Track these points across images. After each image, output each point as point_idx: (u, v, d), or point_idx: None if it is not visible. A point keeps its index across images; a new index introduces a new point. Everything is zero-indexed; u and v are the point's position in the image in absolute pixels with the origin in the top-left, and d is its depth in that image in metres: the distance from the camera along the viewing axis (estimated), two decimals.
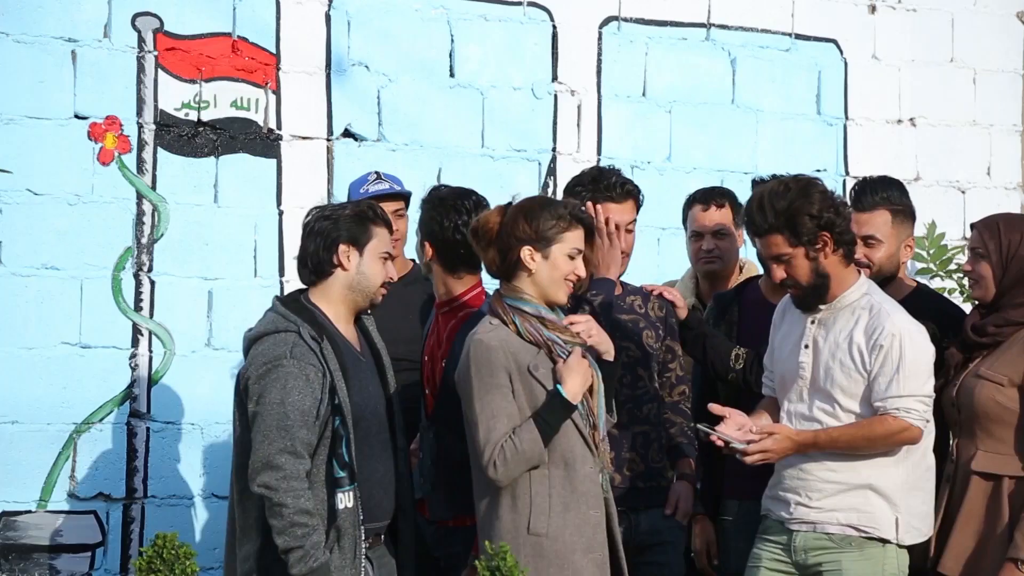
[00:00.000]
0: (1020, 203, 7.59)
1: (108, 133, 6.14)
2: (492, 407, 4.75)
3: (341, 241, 4.92)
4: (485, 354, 4.77)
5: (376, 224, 4.99)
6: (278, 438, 4.75)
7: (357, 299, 4.97)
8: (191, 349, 6.23)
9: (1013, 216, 5.46)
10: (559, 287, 4.85)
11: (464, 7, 6.71)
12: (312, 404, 4.79)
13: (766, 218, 4.84)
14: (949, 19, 7.51)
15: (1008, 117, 7.63)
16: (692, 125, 7.03)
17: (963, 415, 5.07)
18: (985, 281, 5.12)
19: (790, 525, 4.93)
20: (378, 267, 4.98)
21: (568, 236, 4.84)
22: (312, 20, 6.48)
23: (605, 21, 6.96)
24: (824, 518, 4.87)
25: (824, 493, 4.87)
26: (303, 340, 4.81)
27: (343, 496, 4.81)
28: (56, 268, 6.06)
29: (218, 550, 6.19)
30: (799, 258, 4.87)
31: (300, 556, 4.74)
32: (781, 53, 7.22)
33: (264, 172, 6.39)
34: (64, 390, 6.03)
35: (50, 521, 6.00)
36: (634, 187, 5.43)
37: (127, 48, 6.20)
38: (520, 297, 4.85)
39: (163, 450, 6.17)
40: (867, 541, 4.85)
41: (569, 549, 4.72)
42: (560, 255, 4.83)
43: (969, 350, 5.13)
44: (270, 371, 4.78)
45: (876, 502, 4.86)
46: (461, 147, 6.65)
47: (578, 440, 4.79)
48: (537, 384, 4.77)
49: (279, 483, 4.74)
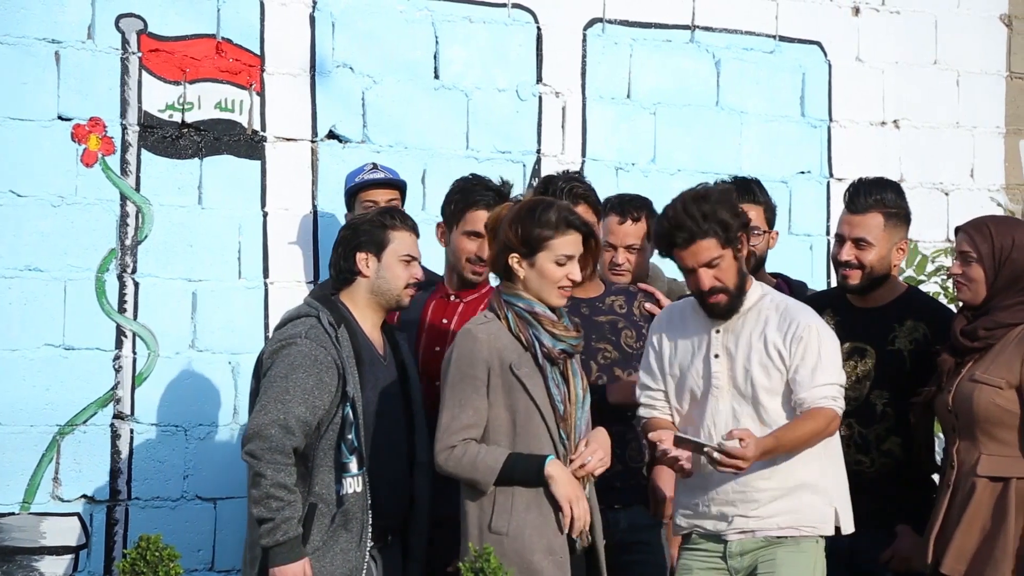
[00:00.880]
0: (1004, 205, 7.61)
1: (92, 135, 6.13)
2: (462, 396, 4.77)
3: (360, 249, 5.14)
4: (469, 345, 4.80)
5: (395, 228, 5.18)
6: (273, 410, 4.92)
7: (381, 302, 5.17)
8: (175, 351, 6.22)
9: (1001, 218, 5.47)
10: (550, 292, 4.85)
11: (448, 9, 6.71)
12: (316, 384, 4.94)
13: (697, 224, 4.84)
14: (933, 21, 7.53)
15: (992, 119, 7.64)
16: (677, 127, 7.04)
17: (962, 420, 5.06)
18: (976, 284, 5.11)
19: (727, 537, 4.92)
20: (399, 270, 5.16)
21: (556, 243, 4.83)
22: (296, 22, 6.48)
23: (589, 23, 6.96)
24: (764, 525, 4.89)
25: (761, 502, 4.88)
26: (320, 324, 5.01)
27: (351, 481, 4.95)
28: (39, 270, 6.04)
29: (202, 551, 6.20)
30: (728, 260, 4.89)
31: (270, 528, 4.89)
32: (765, 55, 7.23)
33: (248, 174, 6.39)
34: (47, 392, 6.02)
35: (33, 523, 5.99)
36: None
37: (111, 49, 6.19)
38: (515, 293, 4.86)
39: (147, 452, 6.16)
40: (803, 537, 4.87)
41: (528, 549, 4.73)
42: (547, 262, 4.82)
43: (960, 355, 5.13)
44: (282, 348, 5.00)
45: (812, 500, 4.89)
46: (446, 148, 6.65)
47: (547, 442, 4.79)
48: (517, 383, 4.78)
49: (263, 453, 4.90)
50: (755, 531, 4.89)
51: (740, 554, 4.90)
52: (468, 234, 5.50)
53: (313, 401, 4.95)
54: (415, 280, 5.18)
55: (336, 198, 6.30)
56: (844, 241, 5.31)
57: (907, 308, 5.30)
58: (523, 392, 4.78)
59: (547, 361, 4.83)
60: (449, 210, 5.60)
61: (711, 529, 4.94)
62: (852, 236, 5.27)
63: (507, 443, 4.77)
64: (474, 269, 5.52)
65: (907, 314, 5.28)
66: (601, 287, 5.55)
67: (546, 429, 4.79)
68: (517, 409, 4.80)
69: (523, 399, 4.79)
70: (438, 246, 5.79)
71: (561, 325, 4.86)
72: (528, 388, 4.79)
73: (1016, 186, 7.63)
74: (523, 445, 4.78)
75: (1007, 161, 7.65)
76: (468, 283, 5.57)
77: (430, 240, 5.74)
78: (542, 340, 4.81)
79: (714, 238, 4.86)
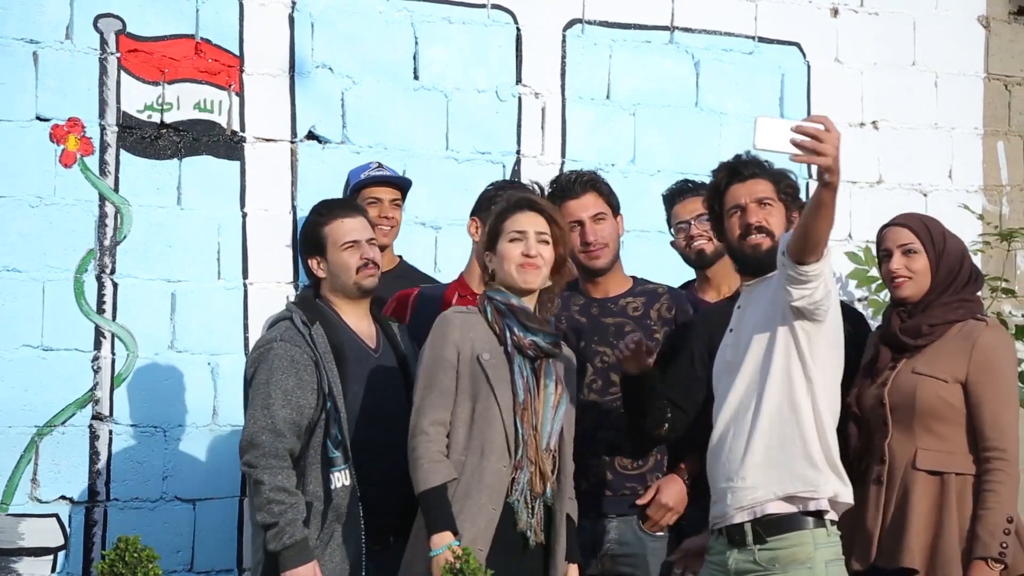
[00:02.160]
0: (982, 206, 7.63)
1: (70, 135, 6.11)
2: (430, 377, 4.85)
3: (308, 256, 5.24)
4: (443, 327, 4.89)
5: (327, 222, 5.23)
6: (260, 417, 4.96)
7: (347, 295, 5.22)
8: (154, 351, 6.21)
9: (925, 215, 5.48)
10: (511, 272, 4.92)
11: (428, 9, 6.71)
12: (296, 384, 4.99)
13: (762, 167, 4.95)
14: (911, 22, 7.55)
15: (970, 120, 7.66)
16: (656, 127, 7.05)
17: (898, 413, 5.07)
18: (920, 277, 5.14)
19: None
20: (344, 259, 5.21)
21: (507, 224, 4.93)
22: (275, 22, 6.47)
23: (569, 24, 6.96)
24: (760, 495, 4.75)
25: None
26: (294, 325, 5.06)
27: (338, 475, 4.99)
28: (17, 270, 6.03)
29: (181, 552, 6.18)
30: (779, 210, 4.93)
31: (275, 533, 4.91)
32: (744, 56, 7.24)
33: (228, 174, 6.38)
34: (26, 392, 6.00)
35: (11, 524, 5.97)
36: (591, 178, 5.45)
37: (89, 50, 6.17)
38: (495, 288, 4.94)
39: (126, 453, 6.14)
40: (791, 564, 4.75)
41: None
42: (503, 244, 4.92)
43: (899, 352, 5.15)
44: (262, 354, 5.06)
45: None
46: (425, 149, 6.65)
47: (500, 435, 4.82)
48: (481, 372, 4.83)
49: (258, 460, 4.93)
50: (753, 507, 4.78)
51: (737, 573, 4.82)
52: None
53: (297, 401, 4.98)
54: (365, 260, 5.19)
55: (316, 199, 6.29)
56: (892, 255, 5.23)
57: None
58: (485, 381, 4.83)
59: (516, 350, 4.87)
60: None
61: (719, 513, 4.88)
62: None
63: (464, 431, 4.83)
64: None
65: None
66: (626, 284, 5.48)
67: (500, 420, 4.82)
68: (478, 398, 4.84)
69: (484, 388, 4.84)
70: (421, 243, 5.78)
71: (536, 319, 4.89)
72: (490, 377, 4.83)
73: (994, 187, 7.65)
74: (478, 433, 4.82)
75: (985, 162, 7.66)
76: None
77: (410, 237, 5.73)
78: (513, 328, 4.86)
79: (773, 184, 4.94)
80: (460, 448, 4.83)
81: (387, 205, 6.06)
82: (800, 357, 4.73)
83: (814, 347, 4.73)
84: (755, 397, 4.76)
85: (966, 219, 7.31)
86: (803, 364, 4.73)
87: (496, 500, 4.81)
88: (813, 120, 4.39)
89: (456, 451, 4.83)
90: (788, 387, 4.72)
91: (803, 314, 4.68)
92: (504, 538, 4.82)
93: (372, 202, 5.99)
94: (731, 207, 4.96)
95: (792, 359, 4.73)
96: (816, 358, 4.74)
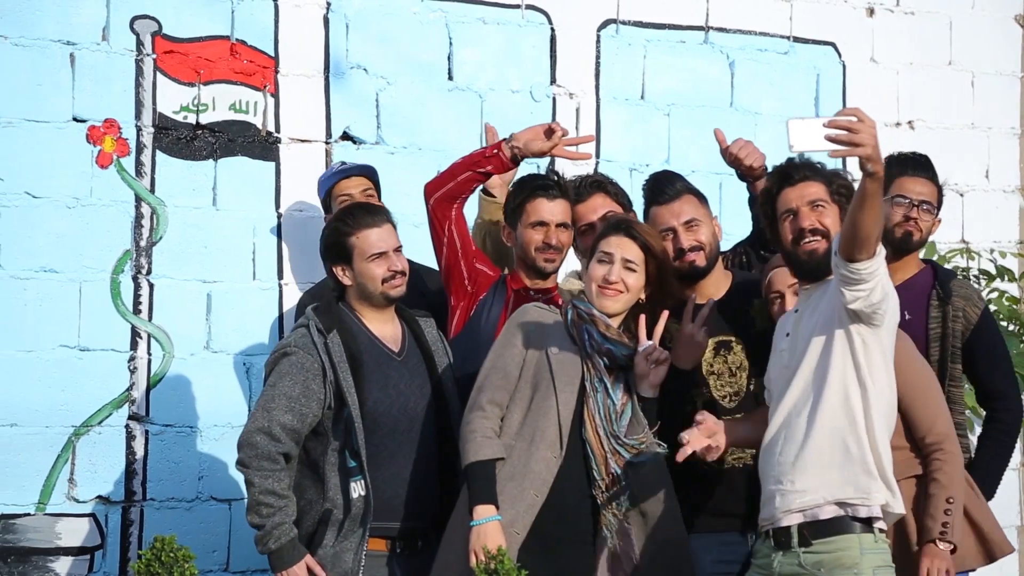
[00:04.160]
0: (1019, 206, 7.59)
1: (106, 136, 6.14)
2: (497, 358, 4.96)
3: (333, 263, 5.25)
4: (519, 315, 5.03)
5: (354, 232, 5.21)
6: (260, 418, 5.01)
7: (372, 303, 5.24)
8: (190, 352, 6.23)
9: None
10: (592, 295, 4.97)
11: (462, 10, 6.72)
12: (302, 392, 5.02)
13: (815, 170, 4.91)
14: (947, 22, 7.52)
15: (1006, 120, 7.63)
16: (690, 128, 7.04)
17: None
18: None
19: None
20: (371, 270, 5.21)
21: (600, 244, 5.01)
22: (311, 23, 6.48)
23: (603, 24, 6.96)
24: (809, 500, 4.71)
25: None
26: (309, 333, 5.08)
27: (355, 485, 5.02)
28: (55, 271, 6.05)
29: (217, 552, 6.20)
30: (833, 211, 4.86)
31: (262, 535, 5.00)
32: (779, 56, 7.23)
33: (263, 175, 6.39)
34: (63, 393, 6.03)
35: (49, 524, 6.00)
36: (597, 180, 5.60)
37: (125, 51, 6.20)
38: (581, 298, 5.01)
39: (162, 453, 6.16)
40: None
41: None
42: (593, 264, 5.00)
43: None
44: (276, 360, 5.10)
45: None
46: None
47: (553, 426, 4.85)
48: (546, 365, 4.90)
49: (251, 460, 4.99)
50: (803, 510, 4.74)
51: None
52: (533, 225, 5.47)
53: (300, 408, 5.02)
54: (392, 272, 5.20)
55: None
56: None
57: (748, 289, 5.28)
58: (548, 374, 4.89)
59: (589, 353, 4.92)
60: (510, 209, 5.56)
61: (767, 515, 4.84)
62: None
63: (519, 418, 4.88)
64: (546, 256, 5.48)
65: (751, 294, 5.26)
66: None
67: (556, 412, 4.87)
68: (538, 388, 4.90)
69: (546, 380, 4.89)
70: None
71: (614, 330, 4.95)
72: (553, 371, 4.89)
73: None
74: (531, 421, 4.87)
75: (1022, 161, 7.63)
76: (542, 274, 5.55)
77: None
78: (592, 333, 4.92)
79: (825, 185, 4.90)
80: (512, 433, 4.88)
81: (359, 196, 5.99)
82: (855, 363, 4.69)
83: (870, 353, 4.69)
84: (809, 402, 4.73)
85: (1006, 218, 7.29)
86: (857, 370, 4.69)
87: (539, 487, 4.83)
88: (844, 113, 4.36)
89: (508, 435, 4.88)
90: (843, 393, 4.69)
91: (860, 318, 4.64)
92: (543, 531, 4.84)
93: (345, 199, 5.92)
94: (783, 212, 4.91)
95: (848, 365, 4.70)
96: (872, 365, 4.70)
